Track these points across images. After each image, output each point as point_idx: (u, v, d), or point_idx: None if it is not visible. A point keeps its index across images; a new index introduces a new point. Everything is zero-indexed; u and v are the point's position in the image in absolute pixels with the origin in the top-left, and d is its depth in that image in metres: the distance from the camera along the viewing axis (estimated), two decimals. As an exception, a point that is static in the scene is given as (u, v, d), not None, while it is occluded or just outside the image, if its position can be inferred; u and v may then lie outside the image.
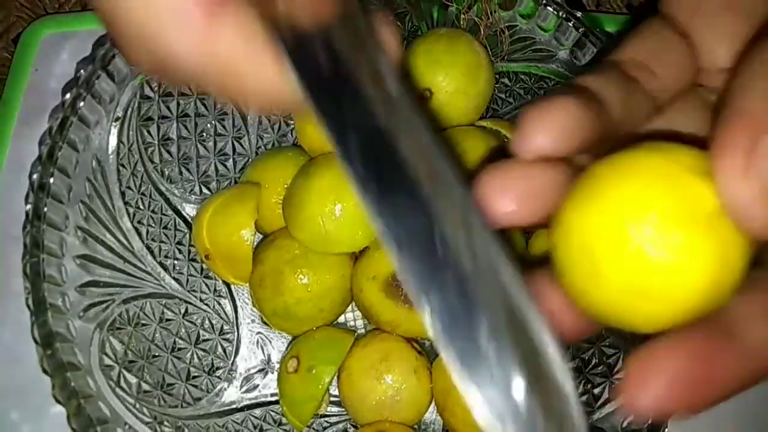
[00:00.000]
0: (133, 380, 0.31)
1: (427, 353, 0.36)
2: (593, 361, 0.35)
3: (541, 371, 0.14)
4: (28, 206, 0.29)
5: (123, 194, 0.33)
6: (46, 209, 0.29)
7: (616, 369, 0.34)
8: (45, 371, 0.28)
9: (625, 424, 0.31)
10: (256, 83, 0.15)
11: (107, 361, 0.30)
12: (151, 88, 0.34)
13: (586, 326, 0.18)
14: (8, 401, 0.34)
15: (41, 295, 0.28)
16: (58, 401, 0.27)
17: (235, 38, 0.15)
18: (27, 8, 0.44)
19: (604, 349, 0.35)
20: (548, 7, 0.33)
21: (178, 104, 0.35)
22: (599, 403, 0.33)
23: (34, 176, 0.29)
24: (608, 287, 0.14)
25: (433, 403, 0.35)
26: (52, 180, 0.29)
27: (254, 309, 0.38)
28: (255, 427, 0.35)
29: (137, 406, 0.31)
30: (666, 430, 0.30)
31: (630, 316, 0.14)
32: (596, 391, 0.34)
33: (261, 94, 0.16)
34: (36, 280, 0.28)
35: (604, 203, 0.14)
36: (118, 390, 0.30)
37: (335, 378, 0.34)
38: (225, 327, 0.37)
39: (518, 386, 0.14)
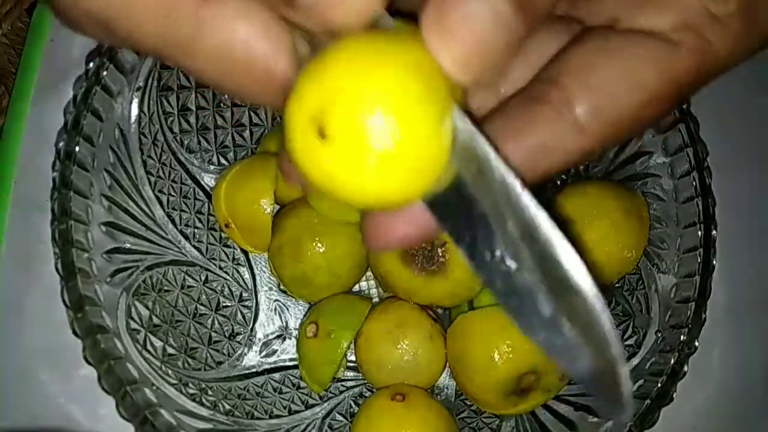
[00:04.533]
0: (159, 344, 0.32)
1: (441, 320, 0.36)
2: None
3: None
4: (55, 174, 0.30)
5: (144, 163, 0.34)
6: (72, 177, 0.30)
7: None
8: (75, 333, 0.28)
9: (647, 366, 0.31)
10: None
11: (134, 325, 0.31)
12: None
13: None
14: (37, 362, 0.36)
15: (70, 260, 0.29)
16: (88, 362, 0.28)
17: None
18: (41, -23, 0.44)
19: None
20: None
21: (197, 74, 0.36)
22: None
23: (60, 144, 0.30)
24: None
25: (446, 368, 0.36)
26: (77, 148, 0.30)
27: (272, 277, 0.39)
28: (275, 390, 0.36)
29: (163, 368, 0.32)
30: (685, 372, 0.30)
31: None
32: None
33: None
34: (65, 245, 0.29)
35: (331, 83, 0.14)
36: (144, 353, 0.31)
37: (352, 343, 0.35)
38: (244, 294, 0.38)
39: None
